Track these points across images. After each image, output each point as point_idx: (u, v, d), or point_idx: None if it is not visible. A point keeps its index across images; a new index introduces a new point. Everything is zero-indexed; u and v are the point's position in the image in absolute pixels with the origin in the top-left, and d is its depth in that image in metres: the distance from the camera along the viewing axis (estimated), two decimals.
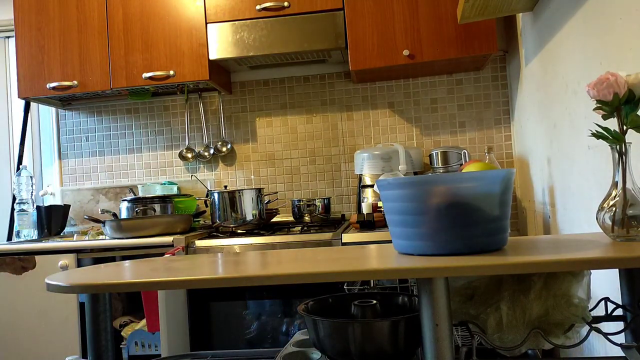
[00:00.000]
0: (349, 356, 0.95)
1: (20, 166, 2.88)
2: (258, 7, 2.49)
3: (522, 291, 0.94)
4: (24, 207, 2.82)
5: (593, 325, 0.94)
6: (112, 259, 2.29)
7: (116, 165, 3.03)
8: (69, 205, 2.89)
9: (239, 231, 2.44)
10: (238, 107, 2.94)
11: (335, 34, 2.45)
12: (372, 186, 2.51)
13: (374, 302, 1.04)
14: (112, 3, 2.62)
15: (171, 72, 2.56)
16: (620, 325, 1.01)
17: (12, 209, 2.91)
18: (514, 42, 2.51)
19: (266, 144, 2.91)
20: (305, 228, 2.44)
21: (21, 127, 3.05)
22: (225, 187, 2.74)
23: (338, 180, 2.86)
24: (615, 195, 0.92)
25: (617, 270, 1.04)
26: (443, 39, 2.37)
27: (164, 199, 2.58)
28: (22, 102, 3.05)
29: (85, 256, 2.32)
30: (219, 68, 2.73)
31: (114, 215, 2.54)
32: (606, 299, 1.04)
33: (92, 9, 2.63)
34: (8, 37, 3.20)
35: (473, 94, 2.76)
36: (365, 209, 2.48)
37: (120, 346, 2.26)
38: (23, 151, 3.04)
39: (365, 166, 2.54)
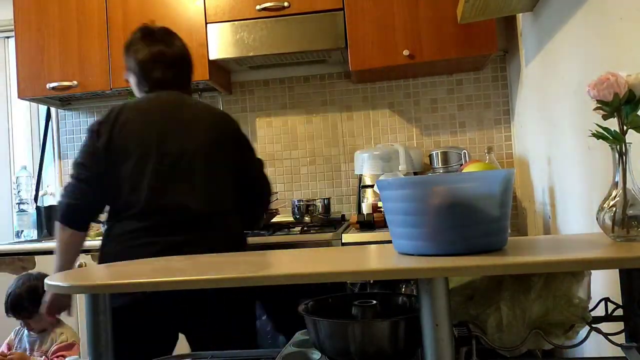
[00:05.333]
0: (349, 356, 0.95)
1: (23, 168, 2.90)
2: (258, 7, 2.49)
3: (522, 291, 0.94)
4: (24, 207, 2.82)
5: (593, 325, 0.94)
6: None
7: None
8: None
9: None
10: (238, 107, 2.94)
11: (335, 34, 2.44)
12: (372, 186, 2.51)
13: (374, 302, 1.04)
14: (112, 3, 2.61)
15: None
16: (620, 326, 1.01)
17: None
18: (514, 42, 2.50)
19: (266, 144, 2.91)
20: (305, 228, 2.44)
21: (42, 136, 3.06)
22: None
23: (338, 180, 2.85)
24: (615, 195, 0.92)
25: (617, 270, 1.04)
26: (443, 39, 2.37)
27: None
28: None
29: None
30: (219, 68, 2.73)
31: None
32: (606, 299, 1.04)
33: (92, 9, 2.63)
34: (8, 37, 3.19)
35: (473, 94, 2.76)
36: (365, 209, 2.48)
37: None
38: (43, 158, 3.03)
39: (365, 166, 2.54)
